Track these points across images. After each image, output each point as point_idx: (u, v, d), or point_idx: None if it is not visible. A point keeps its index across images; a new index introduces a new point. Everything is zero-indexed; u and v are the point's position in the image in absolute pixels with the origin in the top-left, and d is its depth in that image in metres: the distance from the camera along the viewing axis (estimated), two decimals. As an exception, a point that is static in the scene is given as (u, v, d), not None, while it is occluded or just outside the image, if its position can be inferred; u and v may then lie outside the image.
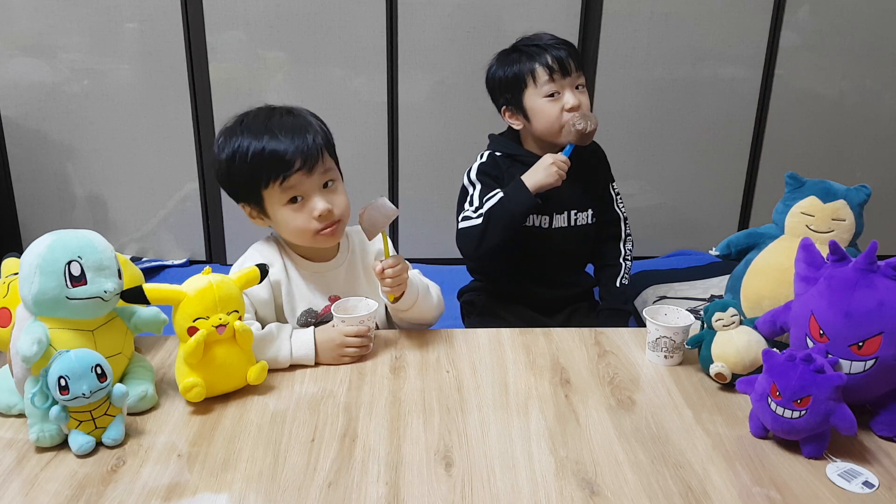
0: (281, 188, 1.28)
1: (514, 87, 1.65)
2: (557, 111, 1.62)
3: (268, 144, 1.27)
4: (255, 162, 1.27)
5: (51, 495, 0.95)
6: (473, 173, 1.69)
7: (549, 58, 1.61)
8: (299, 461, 1.03)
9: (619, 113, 2.82)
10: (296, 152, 1.27)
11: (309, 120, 1.33)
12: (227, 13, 2.62)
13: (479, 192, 1.65)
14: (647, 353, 1.32)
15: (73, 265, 1.05)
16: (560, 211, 1.70)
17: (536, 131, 1.66)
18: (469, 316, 1.81)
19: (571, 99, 1.61)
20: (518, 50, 1.66)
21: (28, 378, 1.05)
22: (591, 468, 1.02)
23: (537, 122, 1.65)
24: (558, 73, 1.61)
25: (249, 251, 1.41)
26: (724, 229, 2.95)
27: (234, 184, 1.33)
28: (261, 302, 1.35)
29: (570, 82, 1.63)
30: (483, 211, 1.60)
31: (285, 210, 1.31)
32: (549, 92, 1.62)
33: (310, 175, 1.29)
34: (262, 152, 1.27)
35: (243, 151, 1.28)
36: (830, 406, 1.01)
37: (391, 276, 1.30)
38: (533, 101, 1.64)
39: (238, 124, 1.32)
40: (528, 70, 1.62)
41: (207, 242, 2.94)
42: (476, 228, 1.60)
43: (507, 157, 1.70)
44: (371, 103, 2.75)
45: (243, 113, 1.35)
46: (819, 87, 2.86)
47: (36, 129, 2.75)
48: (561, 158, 1.60)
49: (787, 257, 1.21)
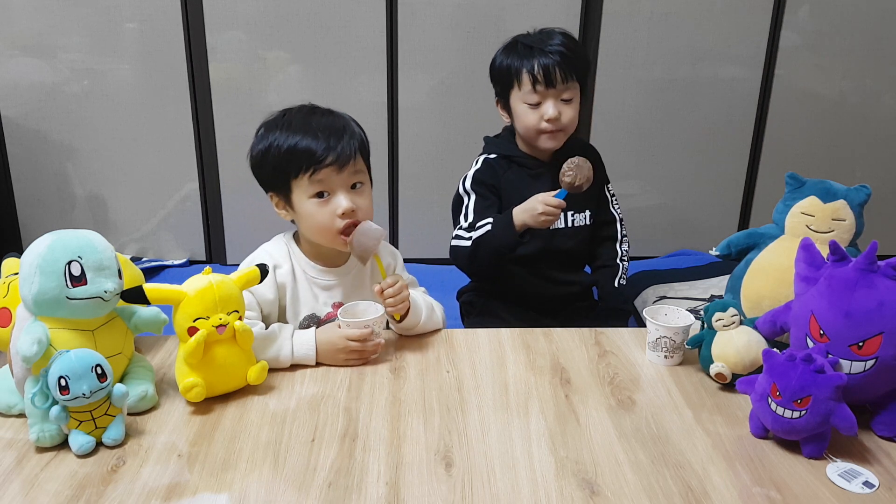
0: (310, 180, 1.30)
1: (504, 83, 1.66)
2: (536, 119, 1.61)
3: (303, 139, 1.30)
4: (289, 154, 1.30)
5: (51, 495, 0.95)
6: (468, 182, 1.69)
7: (535, 65, 1.58)
8: (299, 461, 1.03)
9: (619, 113, 2.82)
10: (329, 148, 1.29)
11: (348, 122, 1.36)
12: (227, 13, 2.62)
13: (473, 203, 1.66)
14: (647, 353, 1.32)
15: (74, 265, 1.05)
16: None
17: (518, 131, 1.67)
18: (468, 316, 1.81)
19: (550, 110, 1.59)
20: (518, 44, 1.64)
21: (28, 378, 1.05)
22: (591, 468, 1.02)
23: (518, 124, 1.66)
24: (541, 84, 1.59)
25: (259, 251, 1.41)
26: (724, 229, 2.95)
27: (266, 173, 1.35)
28: (266, 302, 1.35)
29: (555, 94, 1.60)
30: (473, 237, 1.61)
31: (310, 203, 1.32)
32: (531, 101, 1.61)
33: (339, 172, 1.31)
34: (296, 146, 1.29)
35: (280, 144, 1.31)
36: (830, 406, 1.01)
37: (391, 296, 1.31)
38: (516, 103, 1.64)
39: (280, 118, 1.35)
40: (515, 71, 1.62)
41: (207, 242, 2.94)
42: (466, 251, 1.62)
43: (503, 159, 1.70)
44: (371, 103, 2.75)
45: (286, 108, 1.37)
46: (819, 87, 2.86)
47: (36, 129, 2.75)
48: (553, 203, 1.53)
49: (788, 257, 1.21)
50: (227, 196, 2.85)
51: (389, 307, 1.32)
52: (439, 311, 1.44)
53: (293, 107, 1.37)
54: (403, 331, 1.38)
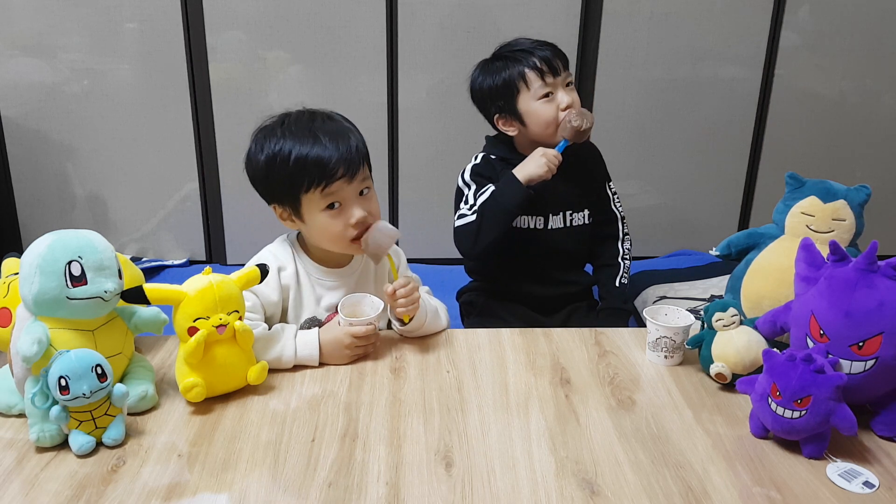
0: (322, 194, 1.28)
1: (506, 94, 1.64)
2: (553, 111, 1.62)
3: (312, 149, 1.26)
4: (298, 166, 1.26)
5: (51, 495, 0.95)
6: (468, 174, 1.69)
7: (536, 60, 1.60)
8: (299, 461, 1.03)
9: (619, 113, 2.82)
10: (339, 160, 1.26)
11: (349, 128, 1.34)
12: (227, 13, 2.62)
13: (474, 191, 1.65)
14: (648, 353, 1.32)
15: (74, 265, 1.05)
16: (556, 212, 1.70)
17: (532, 134, 1.66)
18: (468, 316, 1.81)
19: (566, 98, 1.62)
20: (502, 57, 1.65)
21: (28, 378, 1.05)
22: (592, 468, 1.02)
23: (533, 125, 1.64)
24: (549, 74, 1.60)
25: (263, 252, 1.40)
26: (724, 229, 2.95)
27: (272, 185, 1.32)
28: (270, 304, 1.35)
29: (561, 81, 1.63)
30: (476, 206, 1.60)
31: (322, 216, 1.30)
32: (543, 93, 1.61)
33: (350, 182, 1.29)
34: (305, 157, 1.26)
35: (285, 154, 1.27)
36: (831, 406, 1.01)
37: (403, 297, 1.30)
38: (527, 104, 1.63)
39: (279, 125, 1.31)
40: (517, 74, 1.62)
41: (207, 242, 2.94)
42: (471, 226, 1.61)
43: (500, 160, 1.70)
44: (371, 104, 2.75)
45: (283, 114, 1.34)
46: (819, 87, 2.86)
47: (36, 129, 2.75)
48: (552, 153, 1.59)
49: (788, 257, 1.21)
50: (227, 196, 2.85)
51: (400, 308, 1.32)
52: (443, 313, 1.44)
53: (290, 112, 1.34)
54: (407, 333, 1.38)
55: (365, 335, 1.28)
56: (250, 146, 1.34)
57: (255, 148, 1.32)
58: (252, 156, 1.33)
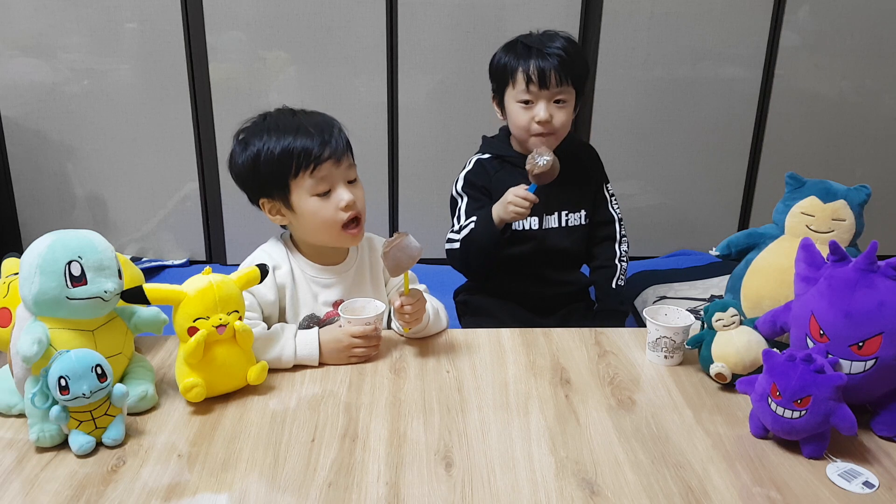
0: (311, 177, 1.30)
1: (500, 81, 1.66)
2: (527, 120, 1.62)
3: (297, 140, 1.29)
4: (285, 155, 1.29)
5: (51, 495, 0.95)
6: (460, 184, 1.70)
7: (531, 65, 1.58)
8: (299, 461, 1.03)
9: (619, 113, 2.82)
10: (324, 144, 1.29)
11: (332, 120, 1.36)
12: (227, 13, 2.62)
13: (465, 205, 1.68)
14: (647, 353, 1.32)
15: (74, 265, 1.05)
16: (550, 212, 1.70)
17: (511, 130, 1.67)
18: (464, 316, 1.81)
19: (542, 112, 1.59)
20: (518, 44, 1.64)
21: (28, 378, 1.05)
22: (591, 468, 1.02)
23: (510, 123, 1.67)
24: (534, 84, 1.59)
25: (257, 252, 1.41)
26: (724, 229, 2.95)
27: (259, 178, 1.33)
28: (267, 303, 1.35)
29: (548, 95, 1.60)
30: (461, 238, 1.63)
31: (313, 201, 1.31)
32: (523, 98, 1.61)
33: (338, 166, 1.31)
34: (292, 148, 1.29)
35: (272, 147, 1.29)
36: (830, 406, 1.01)
37: (409, 312, 1.31)
38: (510, 101, 1.64)
39: (262, 121, 1.34)
40: (511, 69, 1.62)
41: (207, 242, 2.94)
42: (457, 253, 1.64)
43: (496, 159, 1.70)
44: (371, 103, 2.75)
45: (263, 113, 1.36)
46: (819, 87, 2.86)
47: (36, 129, 2.75)
48: (521, 195, 1.53)
49: (788, 257, 1.21)
50: (227, 196, 2.85)
51: (405, 322, 1.33)
52: (443, 314, 1.44)
53: (270, 111, 1.36)
54: (408, 336, 1.39)
55: (364, 335, 1.28)
56: (233, 147, 1.35)
57: (239, 149, 1.34)
58: (236, 156, 1.34)
